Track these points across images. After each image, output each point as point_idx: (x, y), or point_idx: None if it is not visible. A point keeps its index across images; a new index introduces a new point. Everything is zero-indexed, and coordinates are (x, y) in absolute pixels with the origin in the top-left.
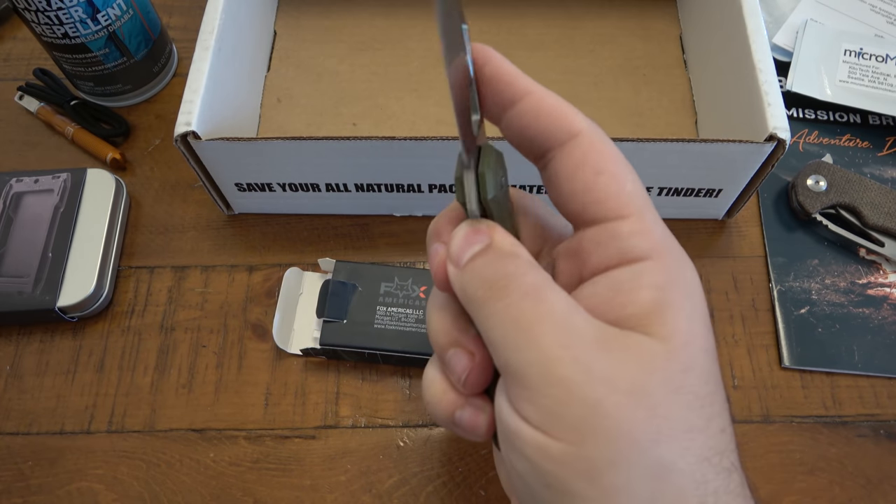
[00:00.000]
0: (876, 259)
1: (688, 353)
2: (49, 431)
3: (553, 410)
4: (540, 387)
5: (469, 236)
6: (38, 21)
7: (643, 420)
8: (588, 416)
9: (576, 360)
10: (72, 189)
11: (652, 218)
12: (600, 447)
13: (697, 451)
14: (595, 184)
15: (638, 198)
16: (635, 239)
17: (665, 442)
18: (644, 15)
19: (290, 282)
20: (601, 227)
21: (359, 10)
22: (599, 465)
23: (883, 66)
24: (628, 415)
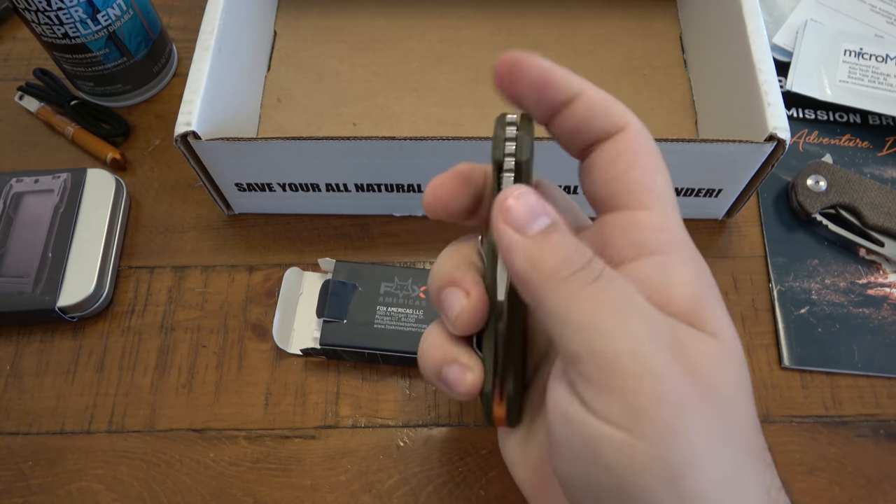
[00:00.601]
0: (876, 259)
1: (735, 347)
2: (49, 431)
3: (644, 408)
4: (635, 380)
5: (535, 205)
6: (38, 21)
7: (717, 419)
8: (676, 415)
9: (666, 354)
10: (72, 189)
11: (674, 217)
12: (688, 450)
13: (755, 454)
14: (627, 175)
15: (665, 196)
16: (655, 232)
17: (734, 442)
18: (644, 15)
19: (290, 282)
20: (623, 214)
21: (359, 10)
22: (684, 467)
23: (883, 66)
24: (706, 415)
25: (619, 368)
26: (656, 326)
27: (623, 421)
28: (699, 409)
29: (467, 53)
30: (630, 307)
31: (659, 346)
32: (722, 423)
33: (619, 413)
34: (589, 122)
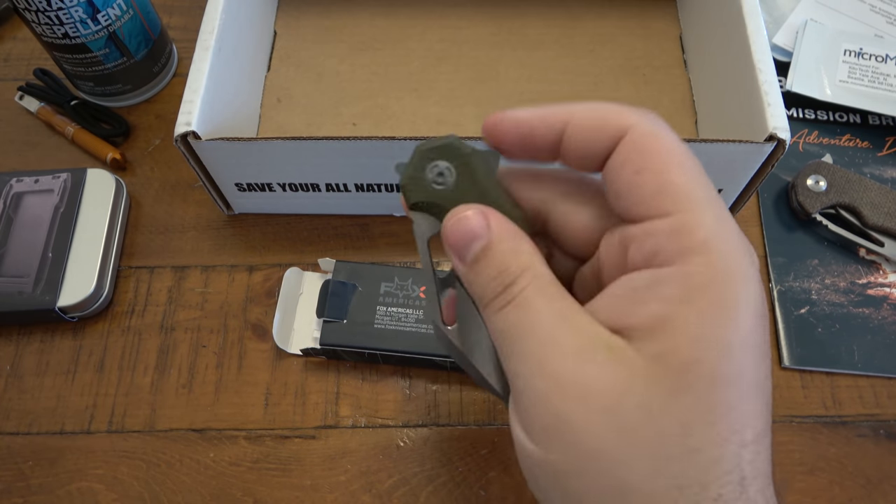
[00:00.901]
0: (876, 259)
1: (680, 382)
2: (49, 431)
3: (530, 416)
4: (522, 394)
5: (472, 229)
6: (38, 21)
7: (610, 440)
8: (556, 426)
9: (551, 375)
10: (72, 189)
11: (704, 213)
12: (566, 457)
13: (668, 480)
14: (634, 183)
15: (686, 191)
16: (669, 240)
17: (632, 465)
18: (644, 15)
19: (290, 282)
20: (640, 226)
21: (359, 10)
22: (565, 472)
23: (883, 66)
24: (595, 432)
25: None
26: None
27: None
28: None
29: (467, 53)
30: (527, 333)
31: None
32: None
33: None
34: (589, 145)
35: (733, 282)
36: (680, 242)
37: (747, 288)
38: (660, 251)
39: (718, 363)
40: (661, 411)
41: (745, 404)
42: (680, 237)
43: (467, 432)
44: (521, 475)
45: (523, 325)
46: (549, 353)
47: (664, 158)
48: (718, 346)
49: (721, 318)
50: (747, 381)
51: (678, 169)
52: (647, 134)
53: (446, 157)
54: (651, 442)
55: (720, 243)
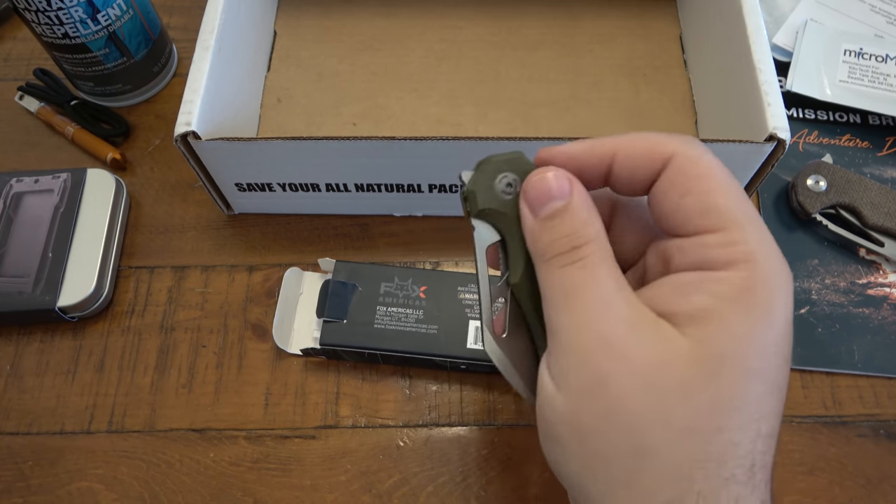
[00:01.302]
0: (876, 259)
1: (717, 367)
2: (49, 431)
3: (567, 370)
4: (563, 347)
5: (552, 188)
6: (38, 21)
7: (642, 403)
8: (593, 383)
9: (599, 333)
10: (72, 189)
11: (749, 230)
12: (594, 413)
13: (689, 451)
14: (681, 205)
15: (730, 211)
16: (718, 250)
17: (658, 433)
18: (644, 15)
19: (290, 282)
20: (690, 240)
21: (359, 10)
22: (589, 427)
23: (883, 66)
24: (632, 395)
25: (558, 337)
26: (609, 310)
27: (555, 375)
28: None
29: (467, 53)
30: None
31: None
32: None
33: (555, 370)
34: (637, 172)
35: (775, 290)
36: (728, 252)
37: (786, 298)
38: (708, 259)
39: (752, 358)
40: (696, 389)
41: (767, 400)
42: (728, 248)
43: (467, 432)
44: (522, 475)
45: (585, 284)
46: (602, 314)
47: (709, 182)
48: (755, 343)
49: (761, 319)
50: (772, 380)
51: (722, 191)
52: (691, 158)
53: (515, 169)
54: (682, 415)
55: (764, 256)
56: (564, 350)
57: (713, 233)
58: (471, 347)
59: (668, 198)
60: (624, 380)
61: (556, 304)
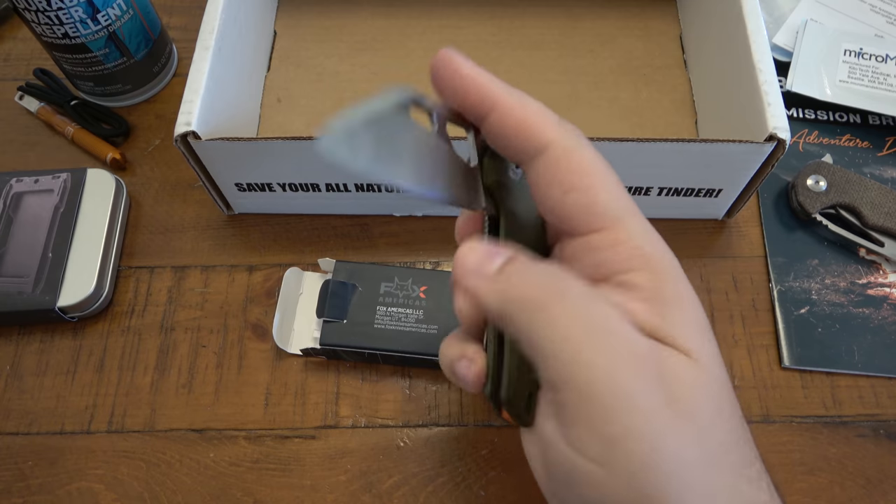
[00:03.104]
0: (876, 259)
1: (714, 366)
2: (49, 431)
3: (618, 441)
4: (606, 411)
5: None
6: (38, 21)
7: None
8: (653, 450)
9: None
10: (72, 189)
11: (631, 227)
12: (660, 484)
13: (732, 467)
14: (564, 203)
15: (613, 209)
16: (607, 252)
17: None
18: (644, 15)
19: (290, 282)
20: (577, 241)
21: (359, 10)
22: (660, 500)
23: (883, 66)
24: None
25: (593, 398)
26: (634, 350)
27: (597, 455)
28: (677, 440)
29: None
30: (606, 331)
31: (636, 373)
32: (700, 450)
33: (593, 446)
34: (505, 140)
35: (673, 277)
36: (622, 251)
37: (683, 278)
38: (602, 263)
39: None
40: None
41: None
42: (618, 249)
43: (467, 432)
44: (522, 475)
45: (596, 322)
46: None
47: (588, 177)
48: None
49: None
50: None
51: (602, 186)
52: (569, 150)
53: None
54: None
55: (652, 249)
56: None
57: (598, 231)
58: None
59: (550, 193)
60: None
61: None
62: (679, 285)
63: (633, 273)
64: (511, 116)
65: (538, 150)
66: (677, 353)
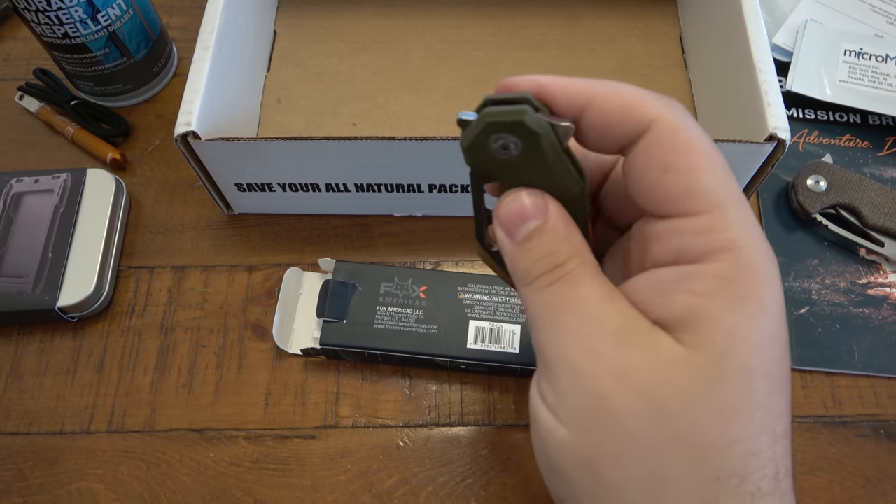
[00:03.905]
0: (876, 259)
1: (720, 370)
2: (49, 431)
3: (565, 396)
4: (557, 371)
5: (526, 209)
6: (38, 21)
7: (650, 425)
8: (594, 407)
9: (591, 350)
10: (72, 189)
11: (732, 216)
12: (602, 441)
13: (708, 471)
14: (661, 182)
15: (715, 194)
16: (697, 238)
17: (672, 456)
18: (644, 15)
19: (290, 282)
20: (665, 223)
21: (359, 10)
22: (599, 458)
23: (883, 66)
24: (634, 416)
25: (550, 361)
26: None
27: (551, 404)
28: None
29: (467, 53)
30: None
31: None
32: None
33: (551, 398)
34: (610, 131)
35: (761, 279)
36: (708, 241)
37: (774, 286)
38: (687, 249)
39: (751, 356)
40: (700, 400)
41: (775, 398)
42: (708, 236)
43: (467, 432)
44: (521, 475)
45: (569, 300)
46: (593, 330)
47: (692, 157)
48: (750, 339)
49: (751, 312)
50: (773, 375)
51: (707, 168)
52: (674, 128)
53: (515, 132)
54: (690, 431)
55: (747, 243)
56: (558, 375)
57: (693, 216)
58: (471, 347)
59: (647, 172)
60: (627, 401)
61: (544, 326)
62: (752, 285)
63: (717, 265)
64: (610, 102)
65: (643, 129)
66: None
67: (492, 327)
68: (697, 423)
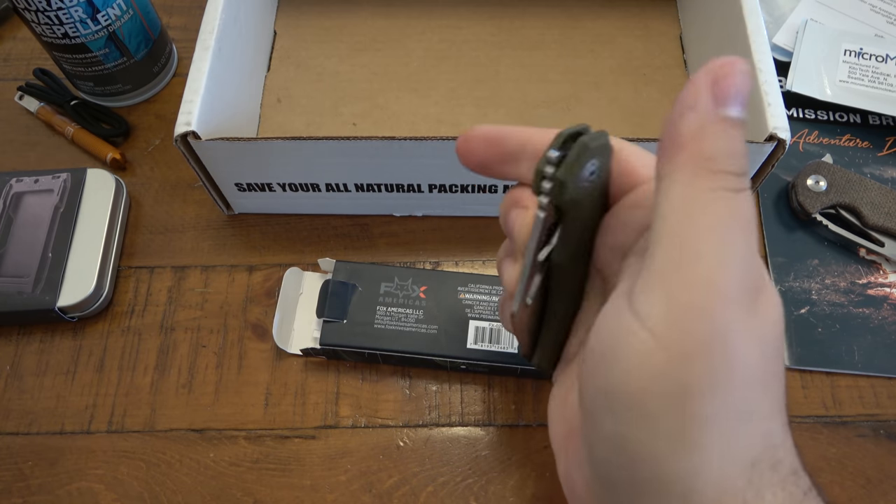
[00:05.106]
0: (876, 259)
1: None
2: (49, 431)
3: (684, 314)
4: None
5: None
6: (38, 21)
7: (756, 358)
8: (716, 335)
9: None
10: (72, 189)
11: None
12: (709, 372)
13: (773, 400)
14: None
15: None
16: None
17: (759, 386)
18: (644, 15)
19: (290, 282)
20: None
21: (359, 10)
22: (698, 389)
23: (883, 66)
24: (748, 350)
25: (682, 272)
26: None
27: (656, 324)
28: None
29: (467, 53)
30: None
31: (736, 273)
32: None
33: (656, 314)
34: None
35: None
36: None
37: None
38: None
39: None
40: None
41: None
42: None
43: (467, 432)
44: (521, 475)
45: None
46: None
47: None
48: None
49: None
50: None
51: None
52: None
53: (604, 153)
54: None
55: None
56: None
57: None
58: (471, 347)
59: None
60: (749, 336)
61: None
62: None
63: None
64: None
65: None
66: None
67: (492, 327)
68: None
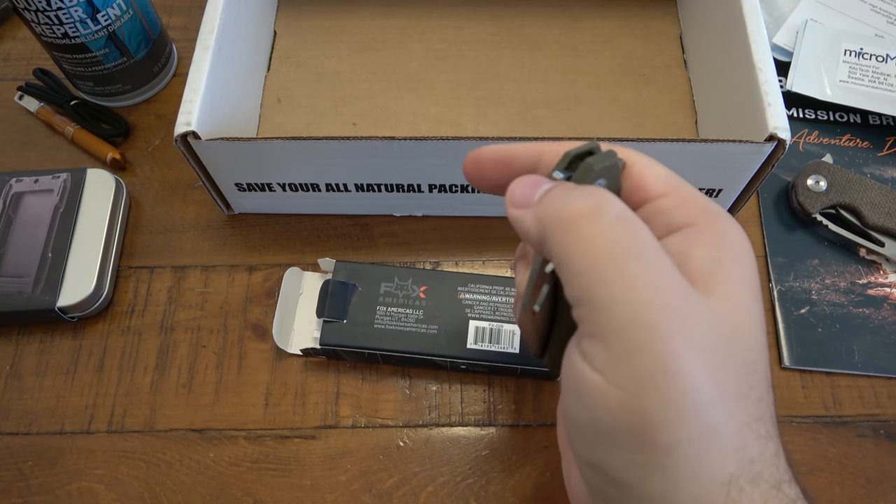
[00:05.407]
0: (876, 259)
1: (737, 317)
2: (49, 431)
3: (624, 356)
4: (621, 329)
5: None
6: (38, 21)
7: (707, 382)
8: (659, 369)
9: (664, 307)
10: (72, 189)
11: (691, 193)
12: (662, 404)
13: (740, 416)
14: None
15: (673, 179)
16: (677, 211)
17: (719, 406)
18: (644, 15)
19: (290, 282)
20: (645, 208)
21: (359, 10)
22: (655, 421)
23: (883, 66)
24: (696, 375)
25: (611, 317)
26: (666, 278)
27: (603, 367)
28: (689, 371)
29: (467, 53)
30: (638, 254)
31: (662, 299)
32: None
33: (601, 359)
34: None
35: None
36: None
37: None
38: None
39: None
40: (734, 351)
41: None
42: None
43: (467, 432)
44: (521, 475)
45: (635, 245)
46: (664, 284)
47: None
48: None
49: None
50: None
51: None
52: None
53: (608, 175)
54: (731, 382)
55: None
56: (621, 331)
57: (664, 197)
58: (471, 347)
59: None
60: (690, 360)
61: (601, 276)
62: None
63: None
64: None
65: None
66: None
67: (492, 327)
68: (734, 373)
